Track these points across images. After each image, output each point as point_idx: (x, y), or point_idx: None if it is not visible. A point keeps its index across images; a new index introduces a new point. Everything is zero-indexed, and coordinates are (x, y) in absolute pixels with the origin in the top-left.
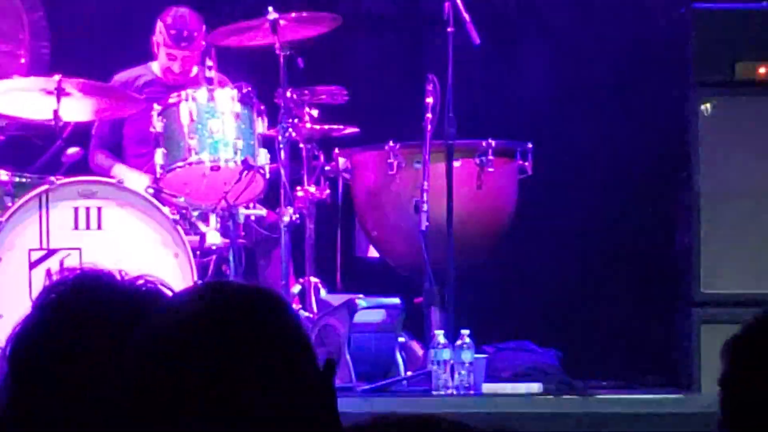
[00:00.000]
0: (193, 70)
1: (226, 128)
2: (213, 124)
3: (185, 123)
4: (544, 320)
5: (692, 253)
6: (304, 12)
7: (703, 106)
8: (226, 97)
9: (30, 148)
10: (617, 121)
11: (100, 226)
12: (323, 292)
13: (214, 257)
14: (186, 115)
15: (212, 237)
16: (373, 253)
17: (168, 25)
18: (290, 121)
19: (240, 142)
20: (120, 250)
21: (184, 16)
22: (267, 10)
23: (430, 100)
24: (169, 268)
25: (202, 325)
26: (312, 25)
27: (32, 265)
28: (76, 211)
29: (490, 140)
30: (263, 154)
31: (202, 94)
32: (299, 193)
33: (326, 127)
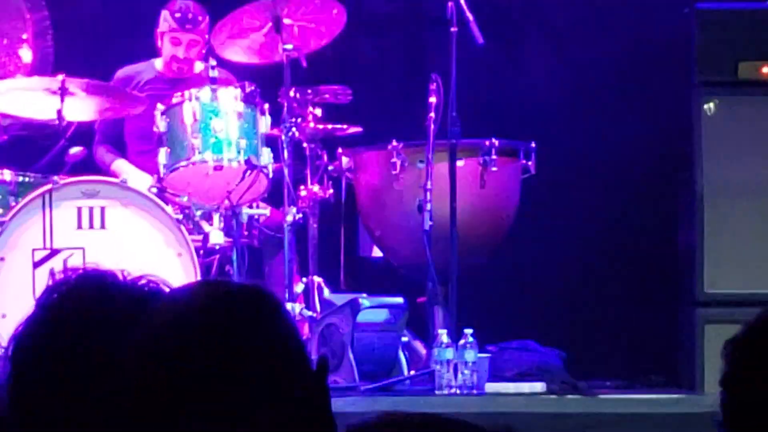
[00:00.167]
0: (196, 66)
1: (230, 128)
2: (216, 124)
3: (188, 122)
4: (547, 320)
5: (695, 253)
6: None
7: (705, 106)
8: (230, 96)
9: (33, 148)
10: (620, 121)
11: (103, 226)
12: (327, 292)
13: (217, 257)
14: (189, 115)
15: (215, 236)
16: (376, 252)
17: (173, 10)
18: (294, 120)
19: (243, 142)
20: (123, 250)
21: (188, 4)
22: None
23: (433, 99)
24: (172, 268)
25: (194, 324)
26: (319, 24)
27: (36, 265)
28: (79, 210)
29: (493, 140)
30: (267, 154)
31: (206, 94)
32: (302, 193)
33: (330, 126)
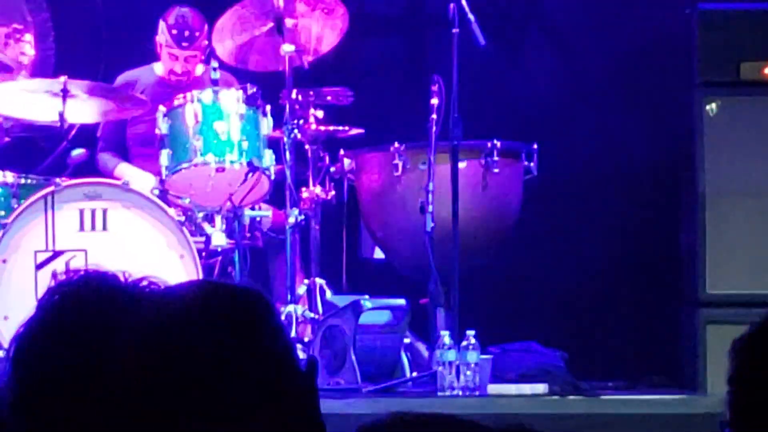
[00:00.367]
0: (198, 69)
1: (232, 129)
2: (218, 126)
3: (190, 124)
4: (550, 321)
5: (697, 254)
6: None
7: (707, 107)
8: (232, 98)
9: (35, 150)
10: (622, 122)
11: (105, 228)
12: (329, 293)
13: (219, 259)
14: (191, 117)
15: (218, 238)
16: (378, 254)
17: (170, 25)
18: (295, 122)
19: (245, 144)
20: (125, 252)
21: (185, 16)
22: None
23: (435, 101)
24: (174, 270)
25: (182, 324)
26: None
27: (38, 267)
28: (81, 212)
29: (495, 141)
30: (268, 156)
31: (208, 96)
32: (304, 194)
33: (331, 128)
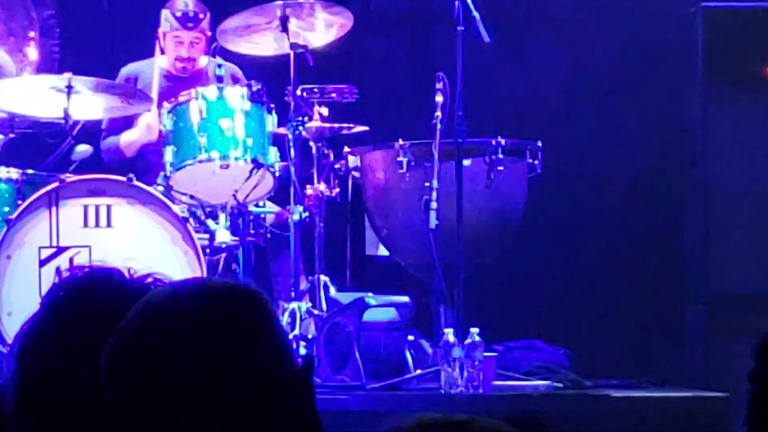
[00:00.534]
0: (201, 61)
1: (236, 126)
2: (223, 122)
3: (195, 121)
4: (554, 319)
5: (701, 252)
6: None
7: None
8: (236, 95)
9: (40, 146)
10: (626, 121)
11: (109, 224)
12: (333, 291)
13: (223, 255)
14: (196, 113)
15: (222, 235)
16: (382, 251)
17: (174, 9)
18: (300, 119)
19: (250, 140)
20: (130, 248)
21: (187, 2)
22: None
23: (439, 98)
24: (178, 266)
25: (180, 321)
26: (324, 21)
27: (42, 263)
28: (85, 208)
29: (499, 139)
30: (273, 152)
31: (212, 92)
32: (309, 192)
33: (336, 125)
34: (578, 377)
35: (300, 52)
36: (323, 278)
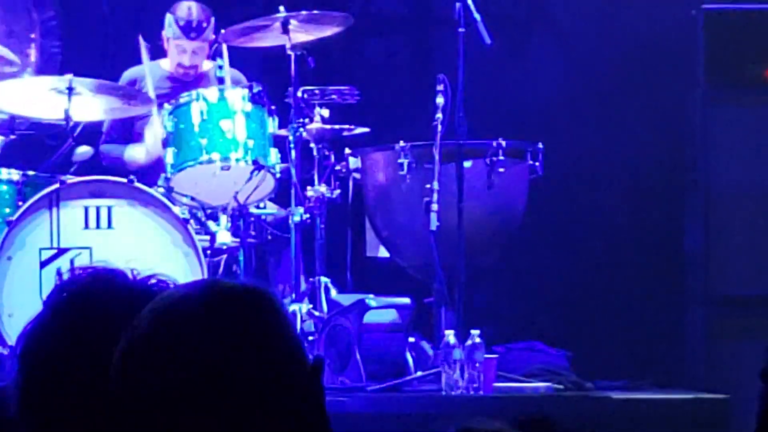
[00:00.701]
0: (203, 65)
1: (237, 128)
2: (224, 124)
3: (196, 122)
4: (554, 320)
5: (701, 254)
6: (316, 11)
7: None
8: (237, 96)
9: (41, 148)
10: (627, 122)
11: (110, 226)
12: (333, 292)
13: (224, 257)
14: (197, 115)
15: (223, 236)
16: (383, 253)
17: (177, 17)
18: (301, 120)
19: (251, 142)
20: (130, 250)
21: (192, 9)
22: (278, 9)
23: (440, 100)
24: (179, 268)
25: (193, 323)
26: (324, 26)
27: (43, 264)
28: (86, 210)
29: (500, 140)
30: (274, 154)
31: (213, 94)
32: (310, 193)
33: (337, 127)
34: (579, 379)
35: (301, 53)
36: (324, 280)
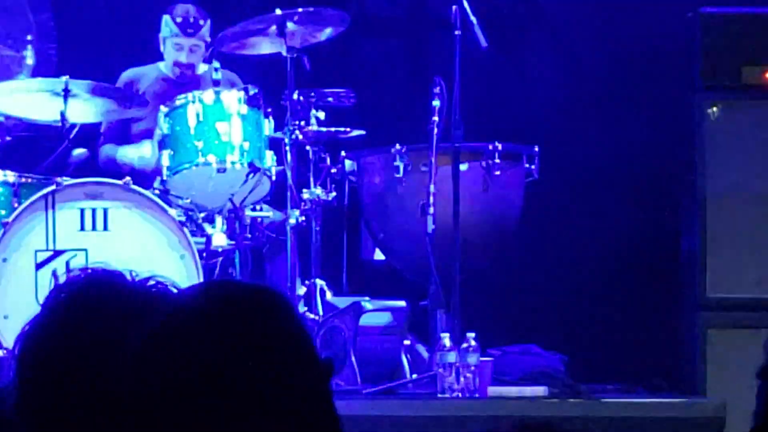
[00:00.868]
0: (200, 67)
1: (233, 130)
2: (220, 126)
3: (192, 125)
4: (550, 324)
5: (698, 257)
6: (312, 8)
7: (710, 110)
8: (233, 98)
9: (36, 149)
10: (623, 125)
11: (106, 228)
12: (329, 295)
13: (220, 259)
14: (193, 117)
15: (218, 239)
16: (379, 255)
17: (174, 15)
18: (297, 123)
19: (247, 144)
20: (126, 252)
21: (189, 9)
22: (274, 11)
23: (436, 103)
24: (175, 270)
25: (205, 325)
26: (320, 25)
27: (38, 266)
28: (82, 212)
29: (496, 143)
30: (270, 156)
31: (209, 96)
32: (305, 196)
33: (333, 129)
34: (574, 382)
35: (297, 56)
36: (319, 282)
